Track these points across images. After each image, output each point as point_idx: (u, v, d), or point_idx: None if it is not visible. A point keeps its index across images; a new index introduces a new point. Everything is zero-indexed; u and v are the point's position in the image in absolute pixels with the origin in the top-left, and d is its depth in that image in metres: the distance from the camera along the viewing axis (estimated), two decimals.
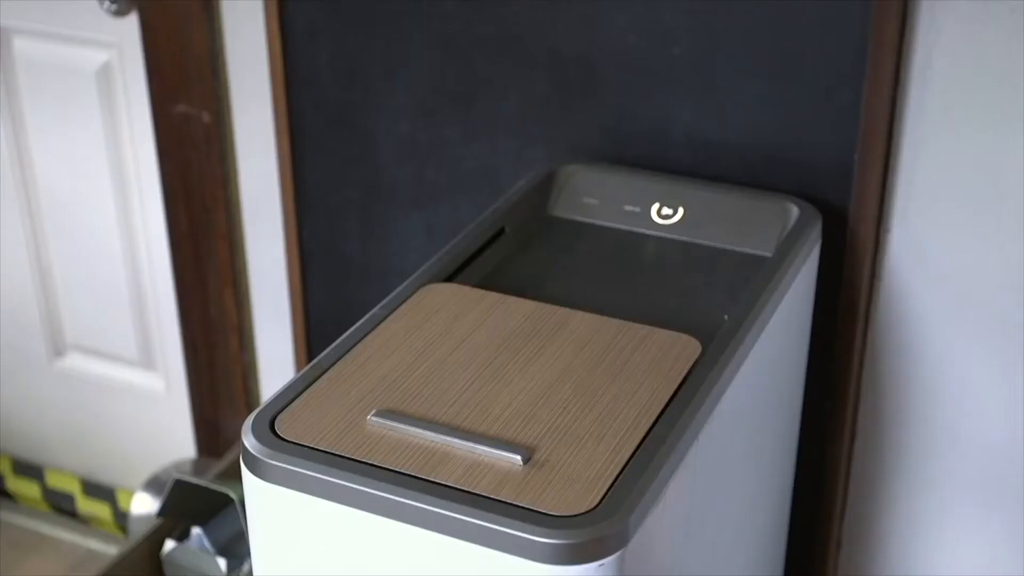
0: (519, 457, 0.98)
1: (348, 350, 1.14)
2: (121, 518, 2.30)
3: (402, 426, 1.02)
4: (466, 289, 1.25)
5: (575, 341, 1.17)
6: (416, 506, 0.94)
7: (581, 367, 1.12)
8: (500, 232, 1.40)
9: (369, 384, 1.09)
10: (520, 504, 0.94)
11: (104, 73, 1.94)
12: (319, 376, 1.10)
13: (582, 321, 1.20)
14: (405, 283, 1.25)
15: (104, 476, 2.31)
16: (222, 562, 1.72)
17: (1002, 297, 1.43)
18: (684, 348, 1.15)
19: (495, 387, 1.09)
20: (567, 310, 1.21)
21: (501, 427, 1.03)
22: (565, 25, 1.51)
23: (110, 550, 2.24)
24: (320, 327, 1.86)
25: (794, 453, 1.54)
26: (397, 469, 0.98)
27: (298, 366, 1.91)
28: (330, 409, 1.05)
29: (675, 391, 1.08)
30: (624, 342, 1.16)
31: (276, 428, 1.03)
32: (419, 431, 1.02)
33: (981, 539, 1.57)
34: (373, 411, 1.04)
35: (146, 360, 2.15)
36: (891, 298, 1.50)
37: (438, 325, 1.18)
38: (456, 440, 1.00)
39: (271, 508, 1.01)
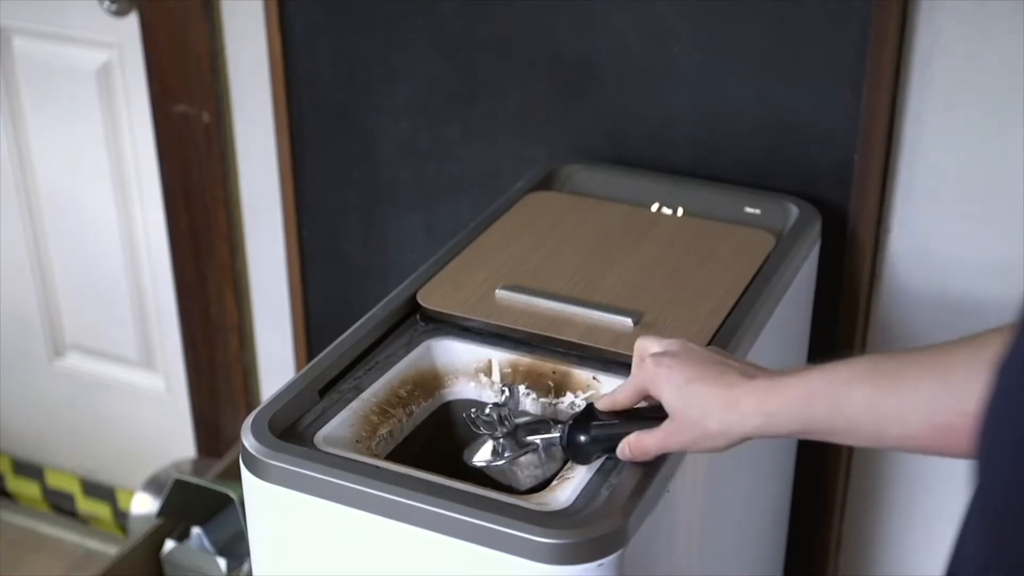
0: (630, 320, 1.16)
1: (470, 242, 1.32)
2: (121, 518, 2.30)
3: (526, 297, 1.20)
4: (564, 195, 1.46)
5: (667, 234, 1.36)
6: (416, 506, 0.94)
7: (674, 254, 1.31)
8: None
9: (494, 266, 1.27)
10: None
11: (104, 73, 1.94)
12: (449, 261, 1.28)
13: (671, 220, 1.40)
14: (404, 283, 1.25)
15: (104, 476, 2.31)
16: (222, 562, 1.72)
17: (1002, 297, 1.43)
18: (760, 240, 1.33)
19: (602, 268, 1.27)
20: (657, 212, 1.42)
21: (612, 298, 1.21)
22: (565, 25, 1.51)
23: (110, 550, 2.23)
24: (320, 327, 1.86)
25: (794, 453, 1.54)
26: (526, 329, 1.15)
27: (298, 366, 1.90)
28: (464, 284, 1.23)
29: (754, 274, 1.26)
30: (709, 235, 1.35)
31: (420, 300, 1.20)
32: (542, 300, 1.19)
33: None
34: (500, 285, 1.21)
35: (146, 360, 2.15)
36: (891, 298, 1.50)
37: (545, 223, 1.37)
38: (574, 307, 1.18)
39: (271, 508, 1.01)
